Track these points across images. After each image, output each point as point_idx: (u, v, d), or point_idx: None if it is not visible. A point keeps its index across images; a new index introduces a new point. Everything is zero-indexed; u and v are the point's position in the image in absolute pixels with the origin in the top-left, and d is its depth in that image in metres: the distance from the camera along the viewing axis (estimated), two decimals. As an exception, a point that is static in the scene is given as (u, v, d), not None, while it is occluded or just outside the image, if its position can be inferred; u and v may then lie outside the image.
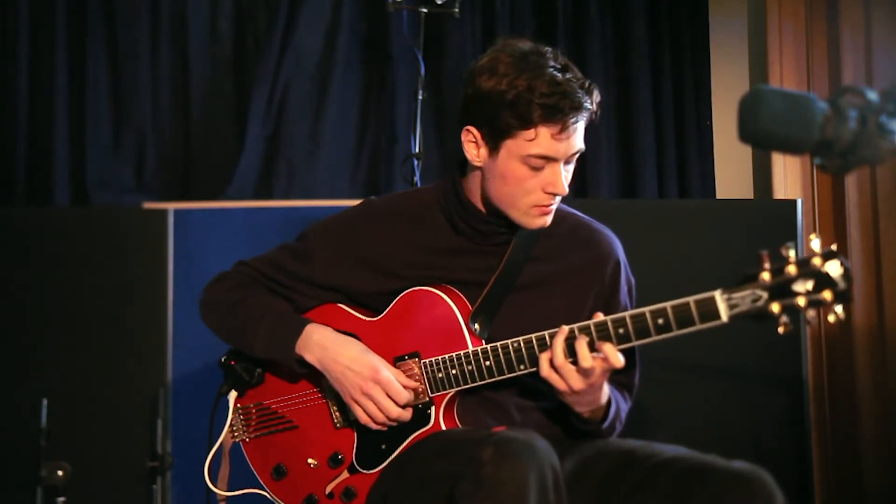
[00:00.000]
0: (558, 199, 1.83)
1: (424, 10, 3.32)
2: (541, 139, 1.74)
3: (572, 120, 1.73)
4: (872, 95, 1.12)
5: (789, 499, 1.65)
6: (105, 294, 2.93)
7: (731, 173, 3.88)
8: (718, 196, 3.82)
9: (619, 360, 1.70)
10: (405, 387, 1.85)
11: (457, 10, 3.32)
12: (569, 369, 1.72)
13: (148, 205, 3.26)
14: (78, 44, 3.54)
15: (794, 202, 3.03)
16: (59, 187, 3.46)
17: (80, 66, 3.53)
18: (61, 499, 2.59)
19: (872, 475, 3.28)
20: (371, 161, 3.70)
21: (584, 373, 1.71)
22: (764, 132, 1.15)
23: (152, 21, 3.59)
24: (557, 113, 1.72)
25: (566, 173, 1.80)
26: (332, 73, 3.64)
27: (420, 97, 3.29)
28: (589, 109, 1.76)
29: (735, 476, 1.65)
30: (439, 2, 3.30)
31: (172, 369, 2.93)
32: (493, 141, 1.78)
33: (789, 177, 3.65)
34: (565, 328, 1.74)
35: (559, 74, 1.73)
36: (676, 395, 2.83)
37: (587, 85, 1.75)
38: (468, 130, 1.82)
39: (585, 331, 1.73)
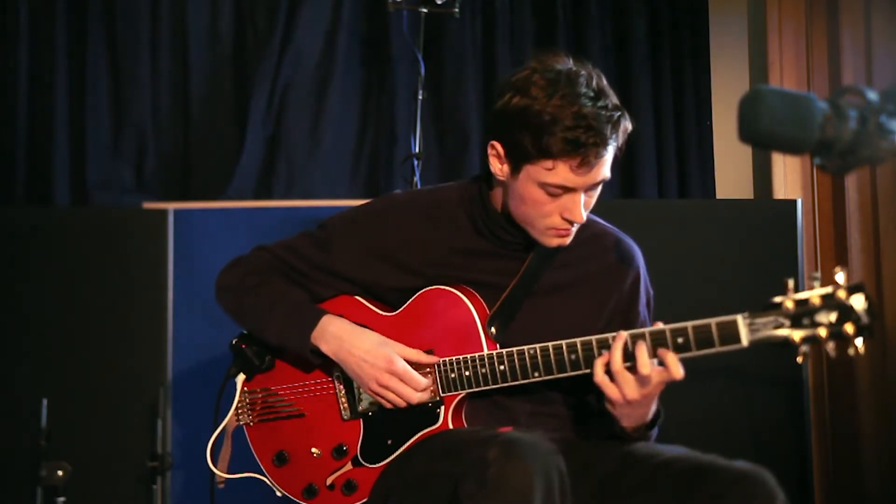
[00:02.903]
0: (577, 224, 1.79)
1: (424, 10, 3.32)
2: (559, 170, 1.70)
3: (594, 154, 1.69)
4: (872, 95, 1.12)
5: (789, 498, 1.65)
6: (105, 294, 2.93)
7: (731, 173, 3.88)
8: (718, 196, 3.81)
9: (679, 371, 1.66)
10: (423, 365, 1.85)
11: (457, 10, 3.32)
12: (626, 377, 1.68)
13: (148, 205, 3.25)
14: (78, 44, 3.54)
15: (794, 202, 3.03)
16: (59, 187, 3.46)
17: (80, 66, 3.53)
18: (61, 499, 2.59)
19: (872, 475, 3.28)
20: (371, 161, 3.69)
21: (642, 381, 1.68)
22: (764, 132, 1.15)
23: (152, 21, 3.59)
24: (579, 147, 1.68)
25: (588, 199, 1.77)
26: (332, 73, 3.64)
27: (420, 97, 3.29)
28: (613, 144, 1.72)
29: (735, 475, 1.65)
30: (439, 2, 3.30)
31: (172, 369, 2.93)
32: (514, 161, 1.75)
33: (789, 177, 3.65)
34: (624, 333, 1.69)
35: (589, 104, 1.68)
36: (676, 395, 2.82)
37: (616, 117, 1.71)
38: (493, 144, 1.79)
39: (640, 338, 1.69)
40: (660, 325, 1.70)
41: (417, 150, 3.26)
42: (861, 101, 1.12)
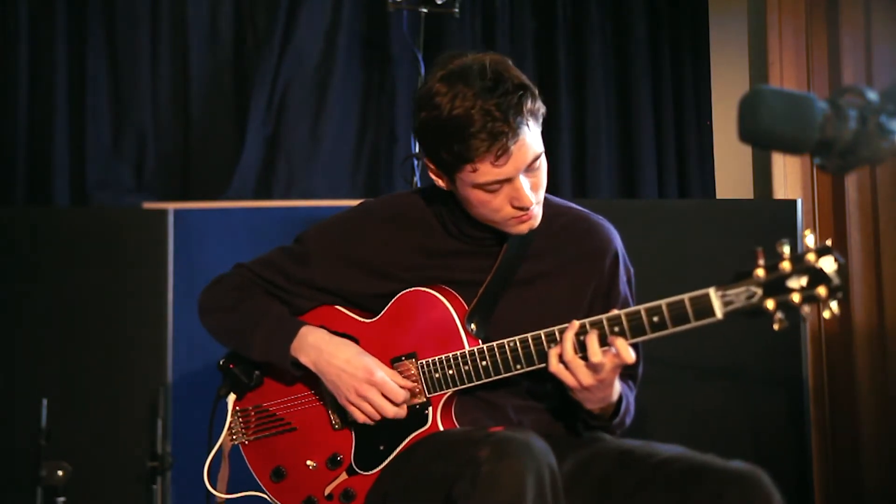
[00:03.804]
0: (538, 205, 1.79)
1: (424, 10, 3.32)
2: (483, 169, 1.71)
3: (507, 143, 1.69)
4: (872, 95, 1.12)
5: (789, 499, 1.65)
6: (105, 294, 2.93)
7: (731, 173, 3.88)
8: (718, 196, 3.82)
9: (630, 356, 1.68)
10: (401, 387, 1.85)
11: (457, 9, 3.32)
12: (578, 364, 1.71)
13: (148, 205, 3.26)
14: (78, 44, 3.54)
15: (794, 202, 3.03)
16: (59, 187, 3.47)
17: (80, 66, 3.54)
18: (61, 499, 2.59)
19: (872, 475, 3.28)
20: (371, 161, 3.70)
21: (594, 368, 1.70)
22: (764, 132, 1.15)
23: (152, 21, 3.59)
24: (492, 143, 1.68)
25: (534, 180, 1.76)
26: (332, 73, 3.64)
27: (420, 97, 3.29)
28: (524, 125, 1.70)
29: (732, 475, 1.65)
30: (439, 2, 3.30)
31: (172, 369, 2.93)
32: (446, 173, 1.78)
33: (789, 177, 3.66)
34: (576, 323, 1.72)
35: (488, 97, 1.68)
36: (676, 395, 2.83)
37: (516, 100, 1.69)
38: (426, 162, 1.82)
39: (595, 325, 1.71)
40: (615, 311, 1.71)
41: (417, 150, 3.26)
42: (861, 101, 1.12)
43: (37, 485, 2.64)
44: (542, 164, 1.77)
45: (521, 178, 1.73)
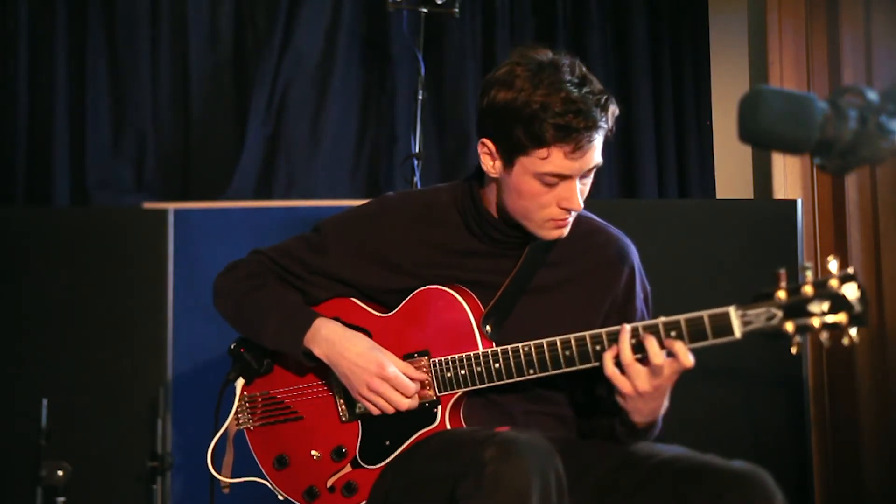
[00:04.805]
0: (574, 212, 1.81)
1: (424, 10, 3.32)
2: (554, 158, 1.71)
3: (586, 139, 1.71)
4: (872, 95, 1.12)
5: (789, 498, 1.65)
6: (105, 294, 2.93)
7: (731, 173, 3.88)
8: (718, 196, 3.81)
9: (689, 360, 1.65)
10: (413, 378, 1.84)
11: (457, 10, 3.32)
12: (638, 369, 1.67)
13: (148, 205, 3.26)
14: (78, 44, 3.54)
15: (794, 202, 3.03)
16: (59, 187, 3.46)
17: (80, 66, 3.54)
18: (61, 499, 2.59)
19: (872, 475, 3.28)
20: (371, 161, 3.70)
21: (654, 372, 1.67)
22: (764, 132, 1.15)
23: (152, 21, 3.59)
24: (571, 132, 1.69)
25: (583, 187, 1.78)
26: (332, 73, 3.64)
27: (420, 97, 3.29)
28: (604, 127, 1.74)
29: (734, 475, 1.65)
30: (439, 2, 3.30)
31: (172, 369, 2.93)
32: (508, 155, 1.76)
33: (789, 177, 3.66)
34: (627, 326, 1.68)
35: (575, 90, 1.70)
36: (677, 396, 2.82)
37: (603, 101, 1.73)
38: (483, 143, 1.80)
39: (648, 329, 1.67)
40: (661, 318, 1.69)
41: (417, 150, 3.26)
42: (861, 101, 1.12)
43: (37, 485, 2.64)
44: (592, 175, 1.80)
45: (576, 181, 1.75)
